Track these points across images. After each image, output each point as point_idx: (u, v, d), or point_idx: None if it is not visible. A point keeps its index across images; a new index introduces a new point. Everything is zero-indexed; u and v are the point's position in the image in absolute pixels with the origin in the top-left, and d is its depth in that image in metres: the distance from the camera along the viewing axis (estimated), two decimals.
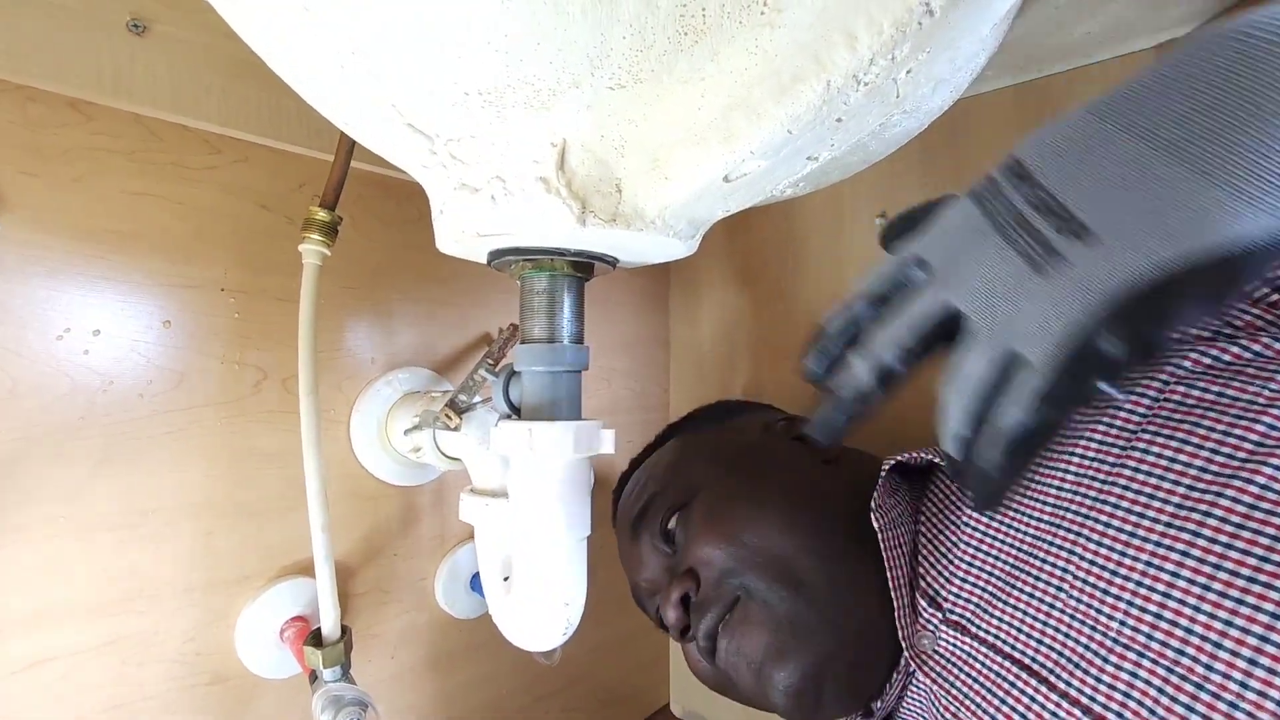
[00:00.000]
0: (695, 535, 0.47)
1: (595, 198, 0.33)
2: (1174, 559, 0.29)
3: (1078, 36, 0.54)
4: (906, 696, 0.43)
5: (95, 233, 0.45)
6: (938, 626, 0.40)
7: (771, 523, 0.45)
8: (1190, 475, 0.30)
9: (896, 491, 0.45)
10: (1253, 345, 0.31)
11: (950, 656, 0.39)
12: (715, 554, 0.45)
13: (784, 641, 0.41)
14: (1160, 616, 0.29)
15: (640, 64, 0.28)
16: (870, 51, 0.26)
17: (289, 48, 0.29)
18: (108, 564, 0.45)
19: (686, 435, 0.59)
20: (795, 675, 0.41)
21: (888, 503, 0.43)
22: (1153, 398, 0.33)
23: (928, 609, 0.41)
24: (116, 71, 0.45)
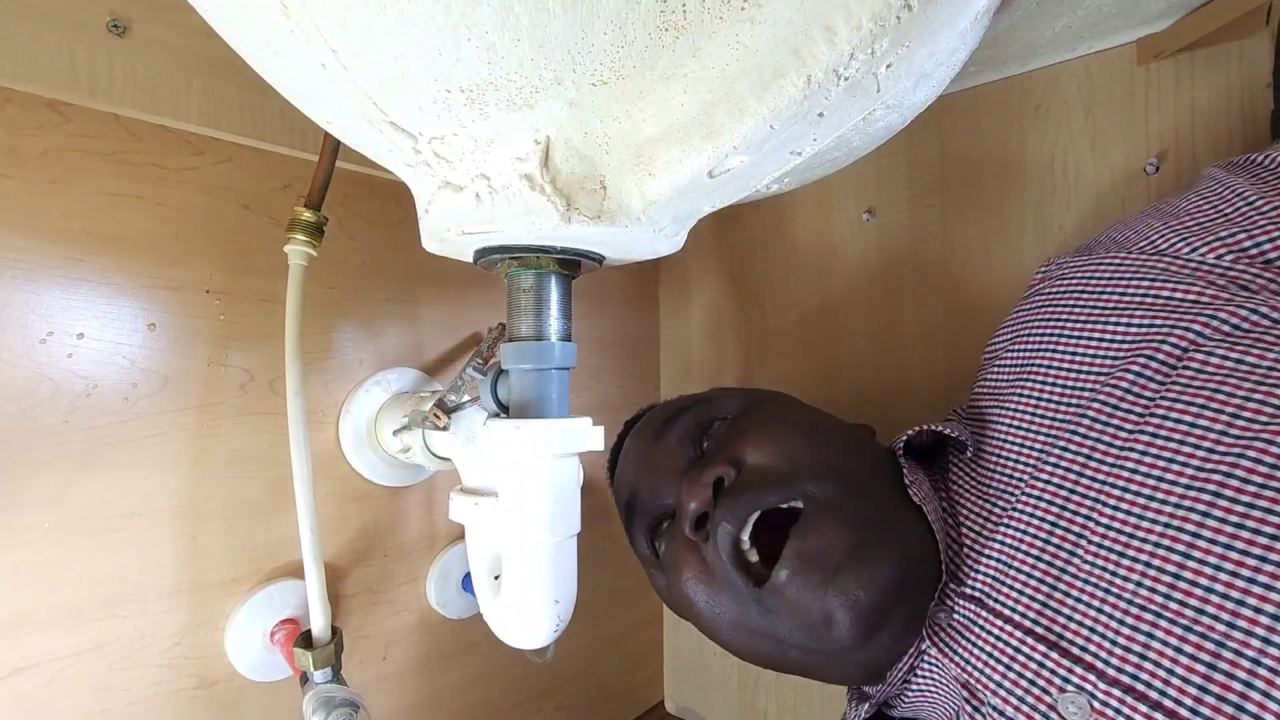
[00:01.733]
0: (742, 436, 0.42)
1: (580, 195, 0.33)
2: (1194, 520, 0.29)
3: (1058, 30, 0.55)
4: (915, 677, 0.42)
5: (75, 235, 0.45)
6: (953, 599, 0.40)
7: (833, 443, 0.43)
8: (1210, 439, 0.30)
9: (917, 469, 0.44)
10: (1272, 311, 0.32)
11: (961, 628, 0.38)
12: (770, 450, 0.41)
13: (870, 542, 0.37)
14: (1179, 577, 0.29)
15: (622, 60, 0.28)
16: (850, 46, 0.26)
17: (270, 47, 0.29)
18: (91, 568, 0.45)
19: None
20: (881, 581, 0.37)
21: (916, 478, 0.43)
22: (1170, 365, 0.33)
23: (949, 583, 0.41)
24: (95, 72, 0.45)
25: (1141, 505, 0.31)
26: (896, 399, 0.69)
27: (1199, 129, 0.52)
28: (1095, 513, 0.33)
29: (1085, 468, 0.35)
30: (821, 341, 0.75)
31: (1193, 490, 0.30)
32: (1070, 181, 0.58)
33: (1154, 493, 0.31)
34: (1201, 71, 0.52)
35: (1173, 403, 0.32)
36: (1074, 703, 0.32)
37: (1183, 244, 0.38)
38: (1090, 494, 0.34)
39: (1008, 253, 0.61)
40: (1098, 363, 0.38)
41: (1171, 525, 0.30)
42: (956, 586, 0.40)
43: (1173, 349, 0.34)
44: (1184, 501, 0.30)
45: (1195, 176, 0.45)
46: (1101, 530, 0.33)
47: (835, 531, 0.37)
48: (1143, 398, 0.34)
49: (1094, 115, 0.57)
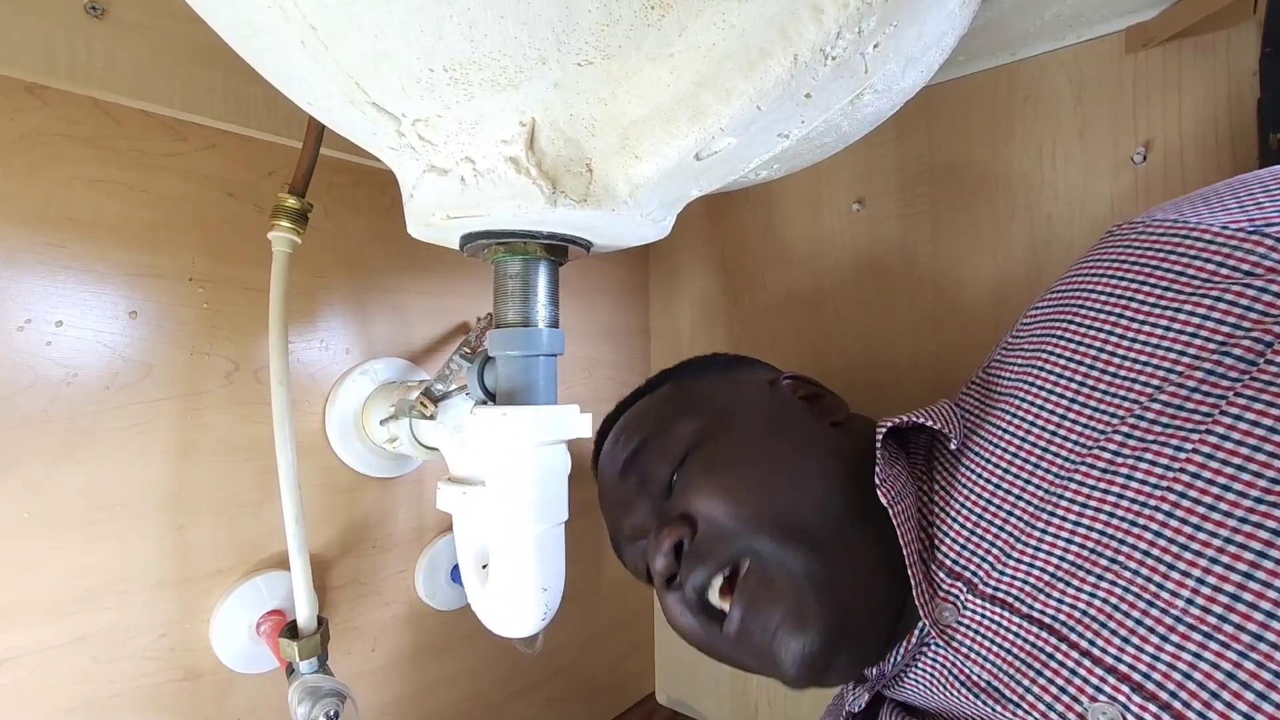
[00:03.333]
0: (695, 483, 0.45)
1: (566, 178, 0.33)
2: (1262, 537, 0.27)
3: (1047, 19, 0.55)
4: (915, 668, 0.42)
5: (54, 221, 0.44)
6: (961, 598, 0.38)
7: (779, 477, 0.44)
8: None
9: (896, 461, 0.43)
10: None
11: (979, 628, 0.37)
12: (716, 506, 0.43)
13: (804, 605, 0.40)
14: (1238, 599, 0.27)
15: (607, 39, 0.27)
16: (836, 24, 0.26)
17: (248, 25, 0.29)
18: (74, 560, 0.44)
19: (684, 381, 0.56)
20: (816, 640, 0.39)
21: (890, 474, 0.41)
22: (1249, 360, 0.30)
23: (948, 580, 0.39)
24: (73, 55, 0.44)
25: (1200, 516, 0.29)
26: (887, 387, 0.69)
27: (1186, 118, 0.52)
28: (1145, 519, 0.31)
29: (1135, 470, 0.32)
30: (812, 331, 0.75)
31: (1263, 505, 0.27)
32: (1058, 171, 0.58)
33: (1216, 503, 0.28)
34: (1189, 60, 0.52)
35: (1249, 402, 0.29)
36: (1104, 713, 0.30)
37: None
38: (1140, 498, 0.31)
39: (996, 242, 0.62)
40: (1163, 355, 0.33)
41: (1234, 541, 0.28)
42: (957, 582, 0.39)
43: (1253, 345, 0.30)
44: (1251, 516, 0.27)
45: None
46: (1150, 538, 0.30)
47: (775, 598, 0.41)
48: (1211, 396, 0.30)
49: (1082, 104, 0.57)
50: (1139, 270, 0.35)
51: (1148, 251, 0.35)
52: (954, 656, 0.38)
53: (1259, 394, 0.28)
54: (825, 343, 0.73)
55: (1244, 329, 0.30)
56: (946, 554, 0.40)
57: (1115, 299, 0.36)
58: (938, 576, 0.40)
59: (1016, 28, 0.56)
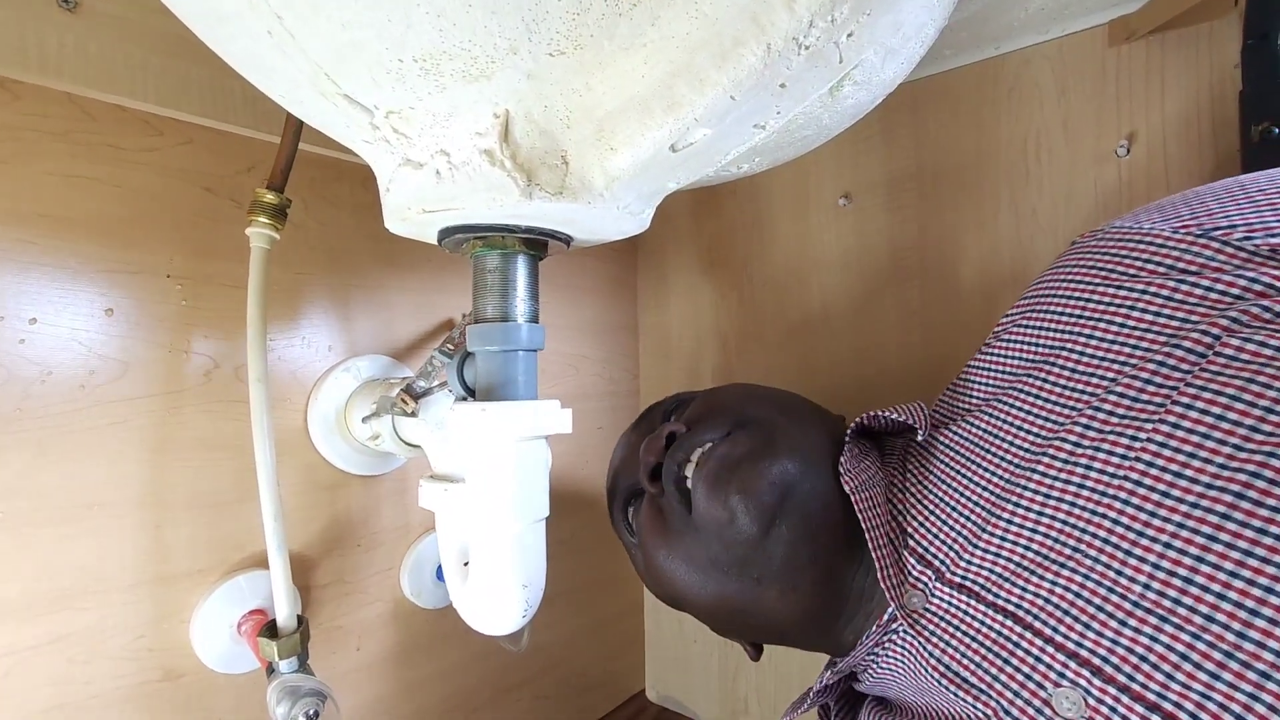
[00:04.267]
0: (696, 405, 0.49)
1: (541, 170, 0.32)
2: (1212, 522, 0.28)
3: (1031, 12, 0.55)
4: (884, 654, 0.42)
5: (26, 217, 0.43)
6: (930, 585, 0.39)
7: (784, 415, 0.47)
8: (1239, 434, 0.28)
9: (866, 455, 0.45)
10: None
11: (946, 615, 0.38)
12: (713, 412, 0.46)
13: (762, 452, 0.42)
14: (1191, 581, 0.28)
15: (579, 29, 0.27)
16: (809, 13, 0.25)
17: (214, 14, 0.28)
18: (49, 560, 0.44)
19: None
20: (764, 480, 0.41)
21: (856, 466, 0.43)
22: (1199, 352, 0.30)
23: (917, 566, 0.40)
24: (44, 49, 0.43)
25: (1154, 503, 0.30)
26: (873, 382, 0.69)
27: (1169, 110, 0.52)
28: (1104, 507, 0.32)
29: (1094, 460, 0.33)
30: (799, 326, 0.75)
31: (1213, 490, 0.28)
32: (1043, 164, 0.58)
33: (1170, 489, 0.29)
34: (1172, 53, 0.52)
35: (1198, 391, 0.29)
36: (1068, 698, 0.31)
37: (1235, 229, 0.33)
38: (1099, 488, 0.32)
39: (982, 236, 0.61)
40: (1118, 350, 0.34)
41: (1186, 526, 0.28)
42: (927, 570, 0.40)
43: (1201, 337, 0.31)
44: (1202, 501, 0.28)
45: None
46: (1109, 525, 0.31)
47: (741, 444, 0.43)
48: (1164, 387, 0.31)
49: (1066, 97, 0.57)
50: (1096, 274, 0.37)
51: (1104, 256, 0.38)
52: (920, 642, 0.39)
53: (1208, 384, 0.29)
54: (812, 337, 0.73)
55: (1192, 322, 0.31)
56: (918, 541, 0.41)
57: (1074, 300, 0.38)
58: (908, 563, 0.41)
59: (1000, 21, 0.56)
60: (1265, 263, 0.31)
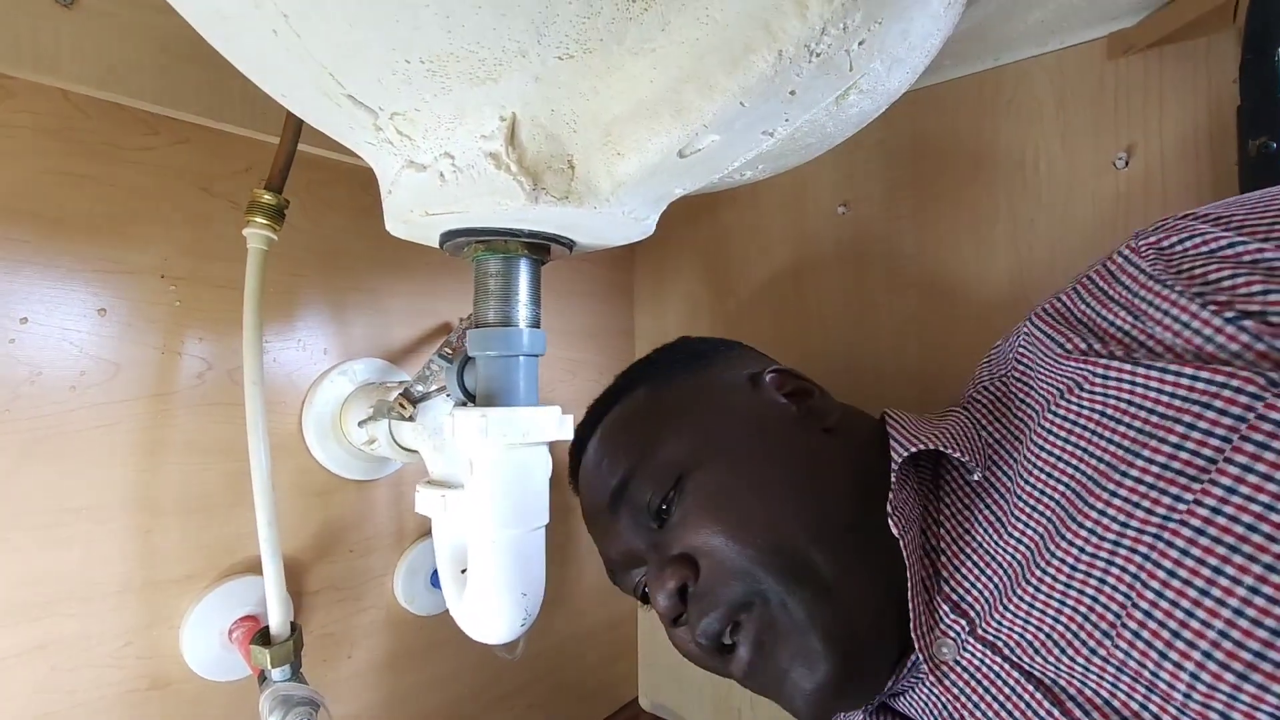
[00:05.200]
0: (693, 520, 0.43)
1: (547, 174, 0.32)
2: (1261, 637, 0.25)
3: (1030, 24, 0.55)
4: (909, 695, 0.41)
5: (18, 214, 0.42)
6: (962, 637, 0.38)
7: (778, 505, 0.42)
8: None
9: (905, 484, 0.41)
10: None
11: (976, 673, 0.37)
12: (719, 544, 0.42)
13: (812, 648, 0.39)
14: (1236, 699, 0.26)
15: (588, 32, 0.27)
16: (822, 20, 0.25)
17: (217, 13, 0.28)
18: (35, 565, 0.43)
19: (658, 388, 0.52)
20: (826, 679, 0.39)
21: (900, 499, 0.40)
22: (1236, 416, 0.28)
23: (950, 615, 0.38)
24: (39, 45, 0.42)
25: (1193, 600, 0.27)
26: (869, 390, 0.69)
27: (1167, 123, 0.53)
28: (1134, 592, 0.29)
29: (1124, 537, 0.30)
30: (796, 333, 0.74)
31: (1260, 595, 0.25)
32: (1041, 175, 0.58)
33: (1209, 587, 0.27)
34: (1171, 67, 0.52)
35: (1243, 470, 0.27)
36: None
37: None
38: (1130, 568, 0.30)
39: (980, 246, 0.62)
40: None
41: (1228, 635, 0.26)
42: (960, 619, 0.38)
43: (1244, 396, 0.28)
44: (1248, 605, 0.25)
45: None
46: (1141, 616, 0.29)
47: (785, 641, 0.40)
48: (1198, 456, 0.28)
49: (1064, 109, 0.57)
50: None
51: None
52: (943, 696, 0.38)
53: (1254, 460, 0.27)
54: (809, 344, 0.73)
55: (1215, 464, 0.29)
56: (954, 587, 0.39)
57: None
58: (940, 609, 0.39)
59: (999, 32, 0.57)
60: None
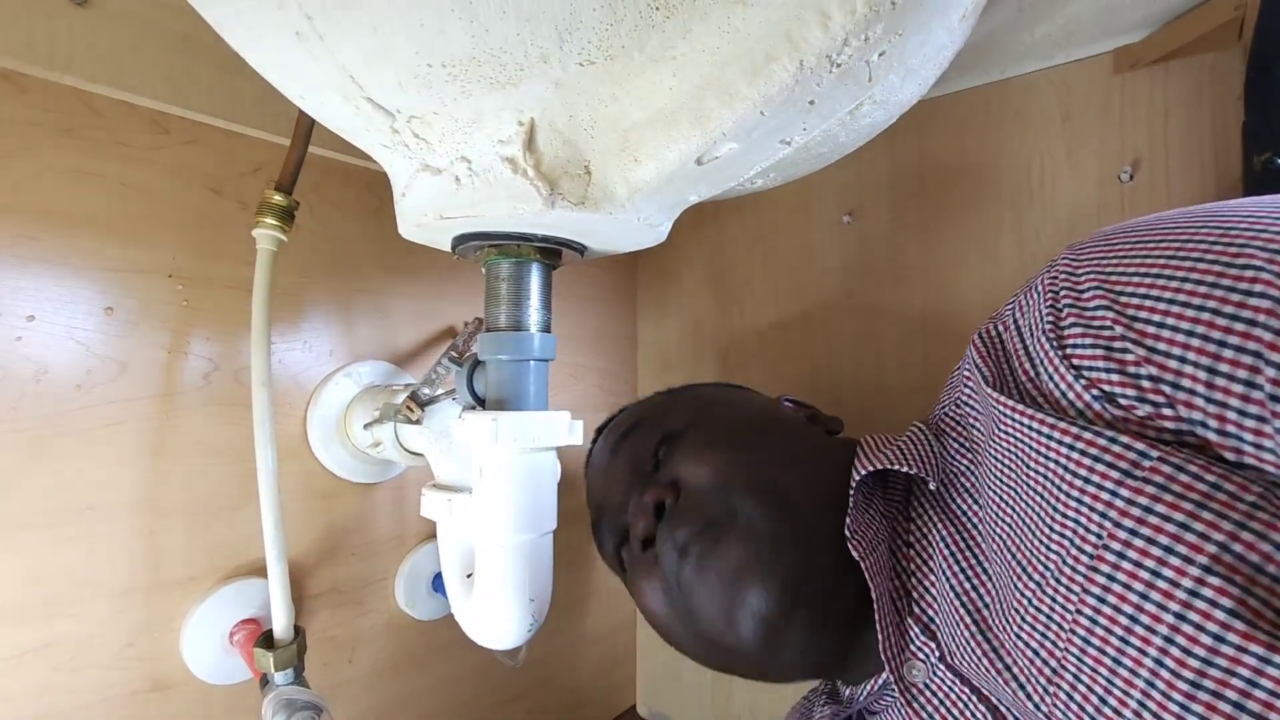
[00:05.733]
0: (683, 451, 0.44)
1: (564, 180, 0.32)
2: (1183, 689, 0.26)
3: (1037, 38, 0.55)
4: (879, 708, 0.42)
5: (28, 212, 0.42)
6: (931, 660, 0.38)
7: (774, 459, 0.43)
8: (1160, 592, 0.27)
9: (871, 502, 0.42)
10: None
11: (945, 699, 0.37)
12: (704, 471, 0.42)
13: (762, 555, 0.38)
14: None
15: (610, 39, 0.27)
16: (844, 31, 0.25)
17: (239, 14, 0.28)
18: (38, 564, 0.42)
19: (687, 388, 0.57)
20: (770, 594, 0.38)
21: (862, 521, 0.40)
22: (1123, 470, 0.28)
23: (921, 637, 0.39)
24: (53, 43, 0.42)
25: (1108, 669, 0.28)
26: (873, 400, 0.69)
27: (1172, 138, 0.53)
28: (1074, 646, 0.30)
29: (1057, 591, 0.31)
30: (799, 342, 0.75)
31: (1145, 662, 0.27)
32: (1047, 187, 0.59)
33: (1120, 656, 0.28)
34: (1176, 82, 0.53)
35: (1130, 535, 0.28)
36: None
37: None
38: (1065, 622, 0.30)
39: (984, 257, 0.62)
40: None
41: (1151, 699, 0.27)
42: (931, 641, 0.38)
43: (1123, 452, 0.29)
44: (1161, 672, 0.27)
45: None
46: (1071, 678, 0.30)
47: (734, 546, 0.39)
48: (1095, 512, 0.29)
49: (1070, 122, 0.57)
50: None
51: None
52: (911, 717, 0.38)
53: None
54: (813, 351, 0.73)
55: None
56: (924, 609, 0.39)
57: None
58: (911, 631, 0.39)
59: (1006, 47, 0.57)
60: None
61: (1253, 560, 0.25)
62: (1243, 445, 0.26)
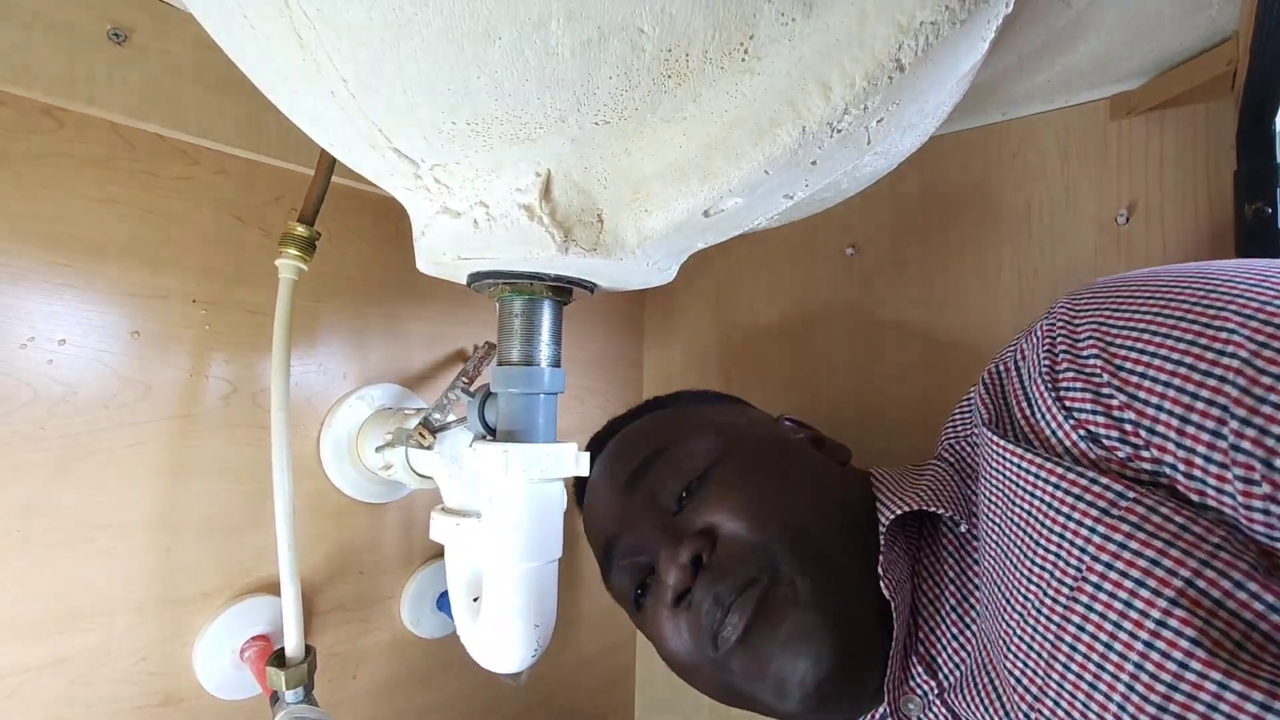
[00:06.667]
0: (716, 499, 0.44)
1: (577, 227, 0.34)
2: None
3: (1037, 83, 0.57)
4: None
5: (63, 240, 0.44)
6: (929, 697, 0.39)
7: (802, 502, 0.44)
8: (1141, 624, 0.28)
9: (895, 542, 0.43)
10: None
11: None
12: (740, 523, 0.42)
13: (810, 624, 0.39)
14: None
15: (625, 102, 0.29)
16: (843, 101, 0.27)
17: (280, 73, 0.30)
18: (58, 579, 0.44)
19: (686, 405, 0.56)
20: (825, 661, 0.39)
21: (890, 559, 0.41)
22: (1101, 509, 0.30)
23: (922, 674, 0.40)
24: (92, 79, 0.45)
25: (1086, 692, 0.30)
26: (873, 431, 0.70)
27: (1167, 183, 0.55)
28: (1054, 674, 0.32)
29: (1038, 625, 0.32)
30: (801, 371, 0.76)
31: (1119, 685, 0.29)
32: (1045, 227, 0.60)
33: (1095, 683, 0.30)
34: (1171, 129, 0.55)
35: (1106, 568, 0.30)
36: None
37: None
38: (1044, 658, 0.32)
39: (984, 292, 0.63)
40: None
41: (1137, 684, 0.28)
42: (931, 680, 0.40)
43: (1102, 492, 0.31)
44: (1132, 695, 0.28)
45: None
46: (1051, 704, 0.31)
47: (791, 614, 0.40)
48: (1075, 547, 0.31)
49: (1069, 165, 0.59)
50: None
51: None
52: None
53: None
54: (814, 380, 0.75)
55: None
56: (929, 647, 0.41)
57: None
58: (914, 667, 0.40)
59: (1008, 91, 0.59)
60: None
61: (1214, 595, 0.27)
62: (1206, 488, 0.28)
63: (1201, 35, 0.50)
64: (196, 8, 0.30)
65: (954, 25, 0.25)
